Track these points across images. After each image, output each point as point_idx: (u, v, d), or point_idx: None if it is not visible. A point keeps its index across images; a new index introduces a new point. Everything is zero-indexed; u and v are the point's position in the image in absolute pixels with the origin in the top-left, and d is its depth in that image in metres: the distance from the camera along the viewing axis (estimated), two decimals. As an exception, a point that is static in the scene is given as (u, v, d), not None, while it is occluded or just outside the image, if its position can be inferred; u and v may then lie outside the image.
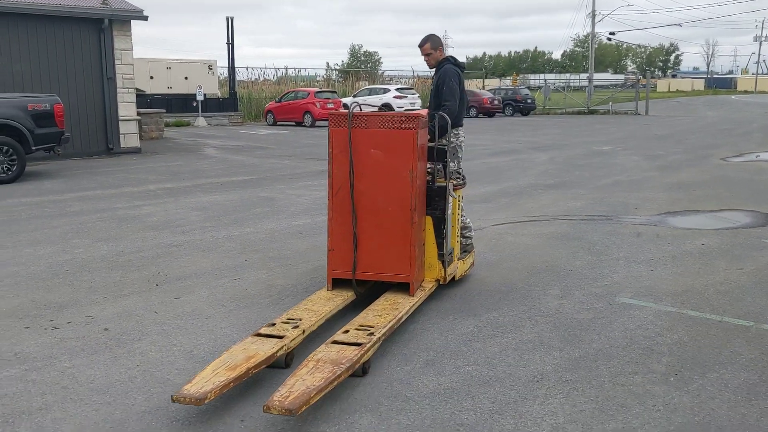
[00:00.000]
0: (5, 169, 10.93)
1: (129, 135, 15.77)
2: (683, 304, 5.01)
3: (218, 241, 7.08)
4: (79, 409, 3.40)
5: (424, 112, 4.90)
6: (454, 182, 5.22)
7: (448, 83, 5.43)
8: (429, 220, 4.99)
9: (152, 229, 7.66)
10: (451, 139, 5.38)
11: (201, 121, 26.73)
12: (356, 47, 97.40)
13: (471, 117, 35.13)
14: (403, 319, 4.34)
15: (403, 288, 4.75)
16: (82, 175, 12.21)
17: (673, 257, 6.37)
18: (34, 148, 11.29)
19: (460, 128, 5.65)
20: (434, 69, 5.69)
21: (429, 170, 5.07)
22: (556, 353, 4.12)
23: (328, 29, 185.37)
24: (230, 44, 28.27)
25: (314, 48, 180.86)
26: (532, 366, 3.93)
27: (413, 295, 4.67)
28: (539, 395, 3.56)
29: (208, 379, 3.31)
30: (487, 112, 35.35)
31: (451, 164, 5.30)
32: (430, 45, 5.63)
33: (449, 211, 5.05)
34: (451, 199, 5.07)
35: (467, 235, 5.79)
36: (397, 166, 4.61)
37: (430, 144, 5.01)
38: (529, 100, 37.38)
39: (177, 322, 4.66)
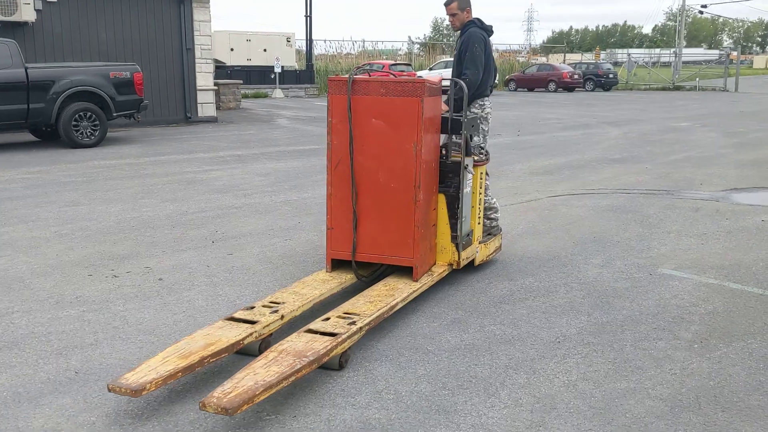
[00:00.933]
0: (88, 133, 11.57)
1: (206, 104, 16.33)
2: (726, 277, 4.94)
3: (276, 204, 7.36)
4: (125, 346, 3.72)
5: (437, 79, 4.54)
6: (476, 158, 4.75)
7: (471, 49, 5.00)
8: (442, 199, 4.57)
9: (217, 192, 8.02)
10: (474, 110, 5.08)
11: (278, 92, 27.31)
12: (439, 20, 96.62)
13: (550, 91, 34.54)
14: (398, 308, 3.97)
15: (409, 272, 4.36)
16: (159, 141, 12.80)
17: (728, 232, 6.23)
18: (115, 114, 11.89)
19: (486, 99, 5.19)
20: (459, 32, 5.28)
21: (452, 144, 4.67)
22: (583, 318, 4.18)
23: (411, 2, 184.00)
24: (308, 17, 28.64)
25: (396, 22, 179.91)
26: (556, 328, 4.01)
27: (416, 281, 4.27)
28: (557, 355, 3.64)
29: (153, 368, 3.01)
30: (567, 86, 34.65)
31: (475, 138, 4.95)
32: (458, 4, 5.16)
33: (466, 189, 4.61)
34: (470, 176, 4.65)
35: (492, 216, 5.36)
36: (400, 138, 4.17)
37: (445, 115, 4.59)
38: (611, 75, 36.37)
39: (226, 275, 4.94)
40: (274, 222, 6.56)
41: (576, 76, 34.93)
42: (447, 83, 4.87)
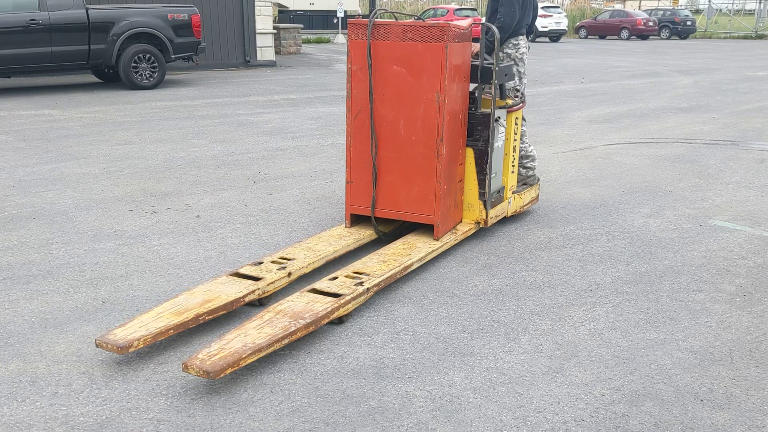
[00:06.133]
0: (147, 75, 11.72)
1: (265, 48, 16.30)
2: (782, 230, 4.67)
3: (322, 147, 7.32)
4: (154, 278, 3.77)
5: (466, 23, 4.18)
6: (510, 102, 4.44)
7: None
8: (470, 153, 4.30)
9: (266, 134, 8.03)
10: (508, 51, 4.72)
11: (340, 38, 27.06)
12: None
13: (622, 39, 33.21)
14: (413, 268, 3.76)
15: (432, 230, 4.14)
16: (216, 84, 12.88)
17: (793, 184, 5.88)
18: (173, 56, 11.97)
19: (521, 38, 4.75)
20: None
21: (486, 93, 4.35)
22: (621, 267, 4.01)
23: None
24: (373, -40, 28.11)
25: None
26: (590, 276, 3.86)
27: (437, 239, 4.06)
28: (587, 303, 3.51)
29: (144, 324, 2.92)
30: (641, 34, 33.25)
31: (509, 82, 4.60)
32: None
33: (497, 143, 4.32)
34: (501, 129, 4.36)
35: (528, 165, 5.04)
36: (423, 87, 3.89)
37: (475, 62, 4.25)
38: (688, 22, 34.62)
39: (262, 215, 4.95)
40: (318, 165, 6.52)
41: (650, 23, 33.42)
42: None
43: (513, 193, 4.70)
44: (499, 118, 4.30)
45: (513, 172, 4.64)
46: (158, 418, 2.50)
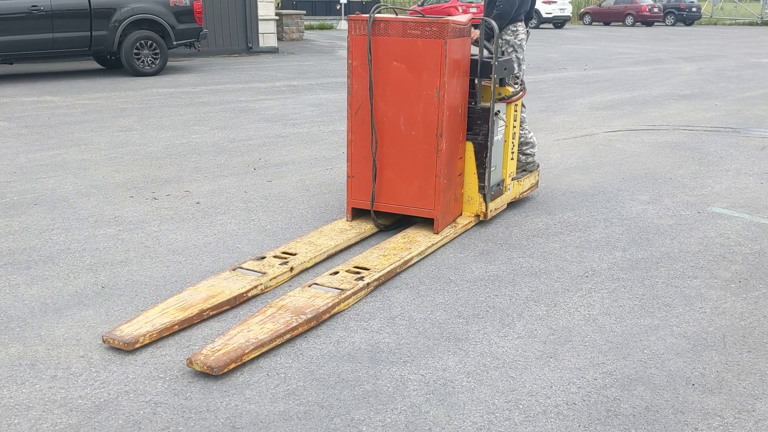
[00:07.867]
0: (149, 62, 11.72)
1: (267, 34, 16.26)
2: (780, 217, 4.68)
3: (323, 134, 7.33)
4: (153, 264, 3.80)
5: (465, 18, 4.07)
6: (511, 90, 4.39)
7: None
8: (470, 147, 4.32)
9: (267, 120, 8.04)
10: (507, 37, 4.70)
11: (343, 24, 26.96)
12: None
13: (627, 25, 33.04)
14: (413, 262, 3.79)
15: (432, 222, 4.18)
16: (218, 70, 12.87)
17: (792, 172, 5.88)
18: (175, 42, 11.96)
19: (519, 24, 4.72)
20: None
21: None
22: (618, 253, 4.03)
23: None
24: (376, -54, 27.97)
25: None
26: (587, 263, 3.88)
27: (437, 233, 4.11)
28: (583, 289, 3.53)
29: (150, 320, 2.98)
30: (645, 20, 33.10)
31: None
32: None
33: (497, 137, 4.33)
34: (501, 123, 4.36)
35: (527, 152, 5.01)
36: (423, 83, 3.91)
37: (475, 56, 4.25)
38: (693, 9, 34.44)
39: (261, 202, 4.97)
40: (318, 152, 6.54)
41: (656, 10, 33.25)
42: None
43: (512, 179, 4.72)
44: (498, 111, 4.31)
45: (512, 158, 4.65)
46: (155, 400, 2.54)
